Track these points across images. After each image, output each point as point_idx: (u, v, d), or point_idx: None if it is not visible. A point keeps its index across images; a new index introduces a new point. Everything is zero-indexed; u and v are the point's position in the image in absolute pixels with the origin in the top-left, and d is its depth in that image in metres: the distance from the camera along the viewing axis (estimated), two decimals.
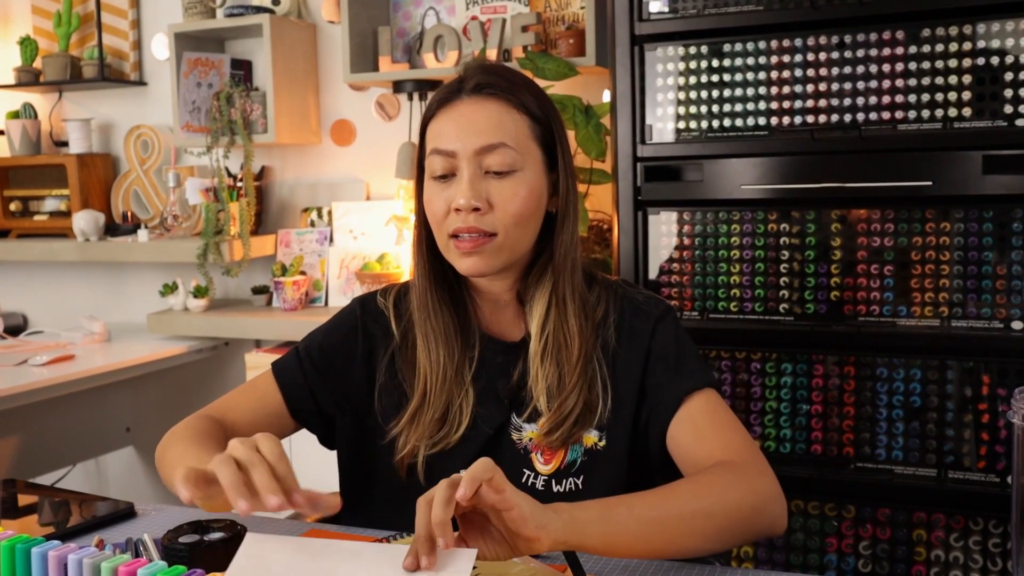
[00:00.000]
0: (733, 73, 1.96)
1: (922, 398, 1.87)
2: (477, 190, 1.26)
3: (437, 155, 1.29)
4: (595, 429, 1.32)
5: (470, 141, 1.27)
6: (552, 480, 1.31)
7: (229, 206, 3.09)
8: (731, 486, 1.17)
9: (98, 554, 0.86)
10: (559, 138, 1.35)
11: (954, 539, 1.87)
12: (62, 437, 2.96)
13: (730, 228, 1.98)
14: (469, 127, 1.28)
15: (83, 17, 3.52)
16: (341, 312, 1.48)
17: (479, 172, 1.28)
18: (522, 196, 1.28)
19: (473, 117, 1.29)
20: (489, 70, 1.33)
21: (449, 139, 1.29)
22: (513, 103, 1.31)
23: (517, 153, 1.28)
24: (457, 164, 1.28)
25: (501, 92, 1.31)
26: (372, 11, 3.02)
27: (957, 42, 1.80)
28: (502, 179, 1.28)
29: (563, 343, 1.31)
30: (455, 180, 1.28)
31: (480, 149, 1.27)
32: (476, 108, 1.30)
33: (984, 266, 1.81)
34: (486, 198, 1.27)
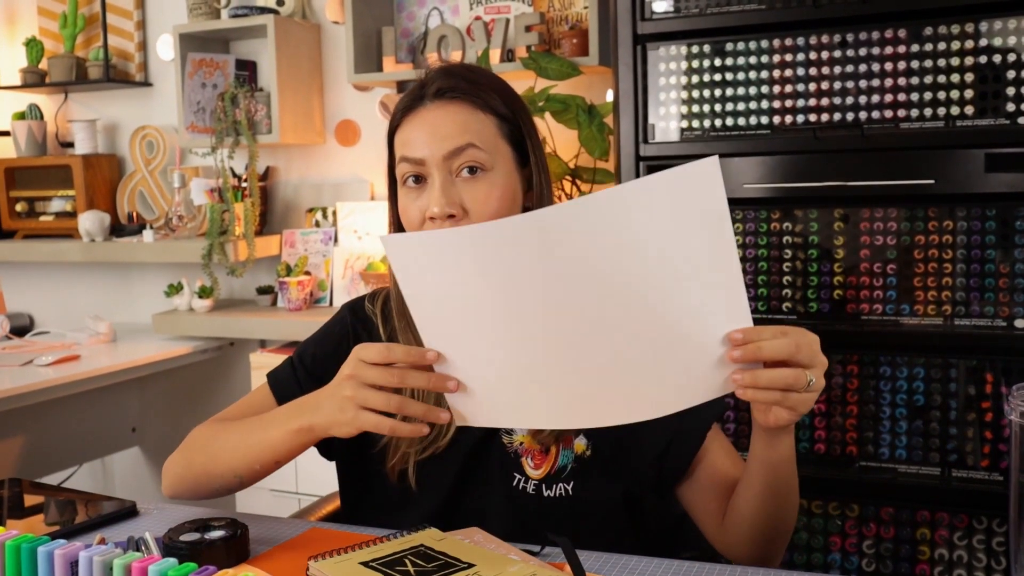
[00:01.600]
0: (736, 72, 1.96)
1: (925, 397, 1.87)
2: (450, 196, 1.25)
3: (406, 163, 1.28)
4: (583, 436, 1.31)
5: (437, 146, 1.26)
6: (543, 484, 1.29)
7: (234, 206, 3.10)
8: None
9: (109, 551, 0.87)
10: (527, 132, 1.33)
11: (958, 538, 1.86)
12: (68, 437, 2.96)
13: (733, 227, 1.98)
14: (435, 132, 1.27)
15: (88, 18, 3.53)
16: (332, 319, 1.47)
17: (450, 177, 1.26)
18: (496, 196, 1.27)
19: (438, 122, 1.27)
20: (450, 73, 1.32)
21: (416, 146, 1.27)
22: (477, 104, 1.29)
23: (485, 153, 1.27)
24: (427, 171, 1.27)
25: (463, 94, 1.29)
26: (376, 11, 3.03)
27: (960, 40, 1.79)
28: (474, 181, 1.26)
29: None
30: (427, 187, 1.27)
31: (448, 153, 1.25)
32: (440, 113, 1.28)
33: (987, 264, 1.81)
34: (459, 203, 1.25)
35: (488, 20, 2.87)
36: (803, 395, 1.03)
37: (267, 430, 1.25)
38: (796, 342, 1.02)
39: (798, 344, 1.02)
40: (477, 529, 1.18)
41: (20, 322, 3.65)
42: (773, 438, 1.15)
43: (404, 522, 1.22)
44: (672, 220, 0.97)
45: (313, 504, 1.62)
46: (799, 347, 1.02)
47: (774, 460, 1.18)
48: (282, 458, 1.25)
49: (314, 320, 2.89)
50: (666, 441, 1.31)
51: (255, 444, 1.26)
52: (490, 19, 2.88)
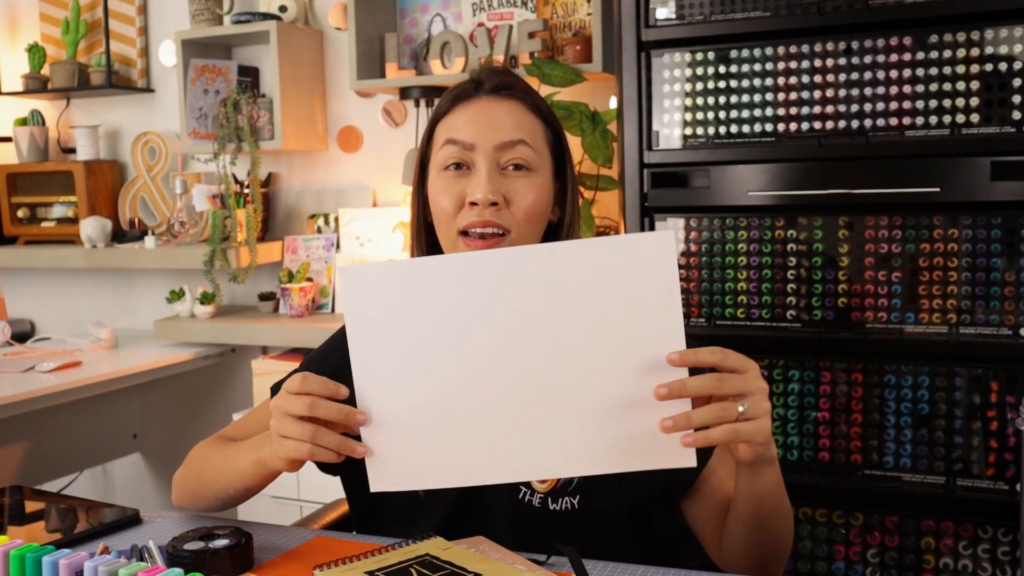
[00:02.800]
0: (740, 79, 1.95)
1: (930, 405, 1.86)
2: (496, 184, 1.25)
3: (452, 145, 1.28)
4: None
5: (491, 135, 1.27)
6: (548, 499, 1.28)
7: (236, 212, 3.09)
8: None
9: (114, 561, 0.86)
10: (565, 147, 1.35)
11: (963, 547, 1.86)
12: (69, 443, 2.96)
13: (737, 235, 1.98)
14: (489, 122, 1.28)
15: (91, 24, 3.53)
16: (335, 335, 1.44)
17: (496, 168, 1.27)
18: (535, 196, 1.28)
19: (493, 113, 1.29)
20: (507, 73, 1.34)
21: (468, 132, 1.28)
22: (531, 107, 1.31)
23: (534, 153, 1.29)
24: (473, 158, 1.27)
25: (523, 94, 1.31)
26: (379, 18, 3.02)
27: (965, 48, 1.79)
28: (518, 177, 1.27)
29: None
30: (469, 174, 1.27)
31: (501, 144, 1.27)
32: (497, 106, 1.30)
33: (992, 273, 1.81)
34: (503, 193, 1.26)
35: (491, 27, 2.87)
36: (747, 425, 1.02)
37: (237, 460, 1.26)
38: (719, 377, 1.02)
39: (720, 378, 1.02)
40: (483, 538, 1.17)
41: (21, 328, 3.65)
42: (754, 471, 1.14)
43: (417, 530, 1.22)
44: (622, 283, 1.01)
45: (316, 512, 1.61)
46: (722, 380, 1.02)
47: (758, 491, 1.17)
48: (252, 487, 1.25)
49: (316, 327, 2.88)
50: None
51: (229, 472, 1.27)
52: (493, 26, 2.88)
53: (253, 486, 1.25)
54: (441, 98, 1.35)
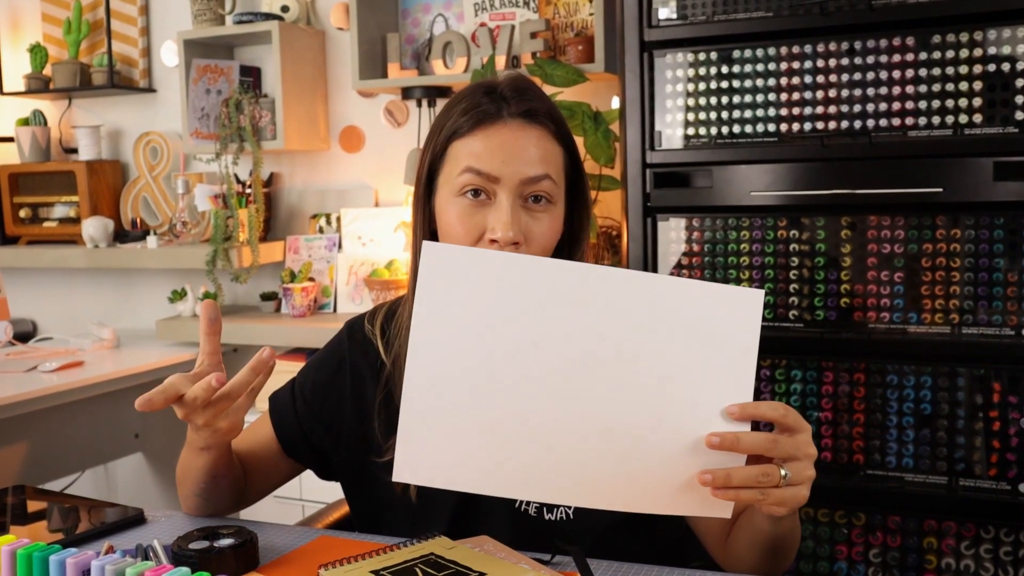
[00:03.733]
0: (742, 79, 1.95)
1: (933, 405, 1.86)
2: (518, 222, 1.21)
3: (474, 174, 1.22)
4: None
5: (518, 169, 1.21)
6: (544, 508, 1.27)
7: (238, 212, 3.10)
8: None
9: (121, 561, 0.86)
10: (580, 166, 1.31)
11: (965, 547, 1.86)
12: (71, 443, 2.96)
13: (740, 235, 1.98)
14: (517, 155, 1.22)
15: (93, 24, 3.53)
16: (331, 342, 1.43)
17: (518, 202, 1.22)
18: (555, 231, 1.25)
19: (521, 144, 1.22)
20: (531, 93, 1.27)
21: (492, 164, 1.21)
22: (553, 132, 1.26)
23: (556, 186, 1.24)
24: (495, 190, 1.21)
25: (550, 121, 1.26)
26: (381, 18, 3.03)
27: (968, 48, 1.79)
28: (539, 211, 1.23)
29: None
30: (490, 205, 1.22)
31: (527, 179, 1.21)
32: (523, 135, 1.23)
33: (995, 273, 1.81)
34: (524, 230, 1.22)
35: (493, 27, 2.87)
36: (785, 491, 1.01)
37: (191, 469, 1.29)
38: (773, 440, 1.01)
39: (775, 440, 1.01)
40: (487, 538, 1.18)
41: (23, 328, 3.65)
42: (777, 520, 1.13)
43: (420, 531, 1.22)
44: (703, 330, 1.00)
45: (320, 511, 1.62)
46: (776, 442, 1.01)
47: (776, 533, 1.17)
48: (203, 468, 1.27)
49: (317, 327, 2.89)
50: None
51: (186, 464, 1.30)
52: (495, 26, 2.88)
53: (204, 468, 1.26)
54: (456, 109, 1.27)
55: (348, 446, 1.36)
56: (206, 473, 1.26)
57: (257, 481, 1.40)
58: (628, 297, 1.00)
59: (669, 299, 1.00)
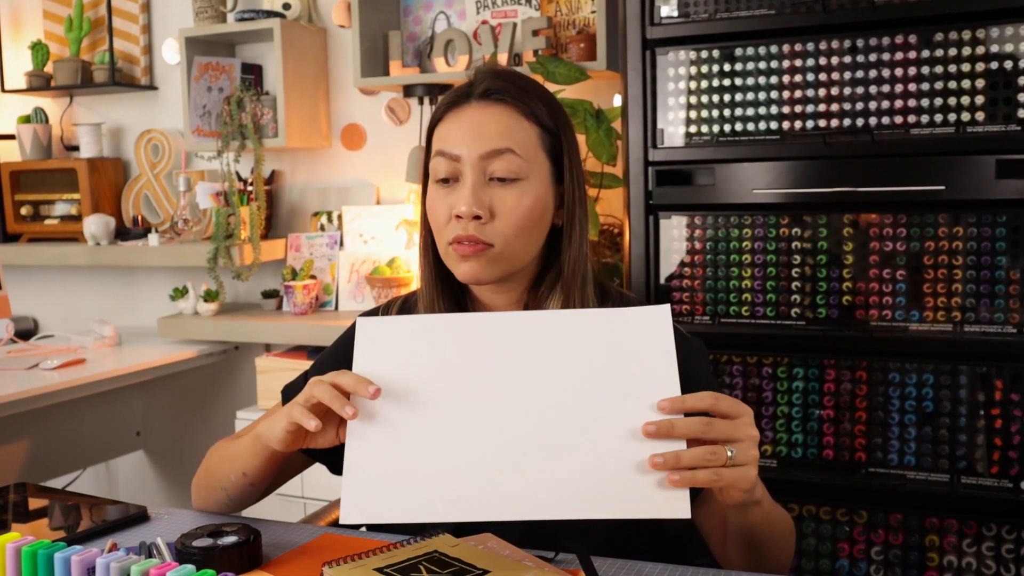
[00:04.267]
0: (745, 77, 1.95)
1: (934, 403, 1.87)
2: (479, 198, 1.24)
3: (441, 158, 1.27)
4: None
5: (476, 145, 1.25)
6: None
7: (239, 210, 3.10)
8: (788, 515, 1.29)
9: (126, 558, 0.86)
10: (568, 149, 1.32)
11: (967, 545, 1.86)
12: (73, 441, 2.96)
13: (742, 232, 1.98)
14: (475, 131, 1.26)
15: (94, 22, 3.53)
16: (344, 334, 1.44)
17: (483, 179, 1.25)
18: (525, 206, 1.26)
19: (480, 121, 1.27)
20: (500, 75, 1.31)
21: (454, 143, 1.26)
22: (523, 111, 1.28)
23: (523, 161, 1.26)
24: (461, 169, 1.26)
25: (511, 99, 1.28)
26: (382, 15, 3.02)
27: (970, 46, 1.79)
28: (506, 187, 1.25)
29: None
30: (458, 185, 1.26)
31: (485, 154, 1.25)
32: (484, 113, 1.27)
33: (997, 271, 1.81)
34: (488, 206, 1.24)
35: (495, 24, 2.87)
36: (733, 471, 1.03)
37: (239, 442, 1.27)
38: (708, 421, 1.03)
39: (710, 422, 1.03)
40: (491, 535, 1.18)
41: (25, 326, 3.65)
42: (740, 511, 1.16)
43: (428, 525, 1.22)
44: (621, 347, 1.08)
45: (323, 509, 1.62)
46: (711, 424, 1.03)
47: (746, 527, 1.19)
48: (249, 470, 1.25)
49: (319, 324, 2.89)
50: None
51: (232, 456, 1.29)
52: (497, 23, 2.88)
53: (251, 469, 1.25)
54: (439, 101, 1.33)
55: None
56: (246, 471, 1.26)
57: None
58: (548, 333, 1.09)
59: (585, 329, 1.09)
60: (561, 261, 1.31)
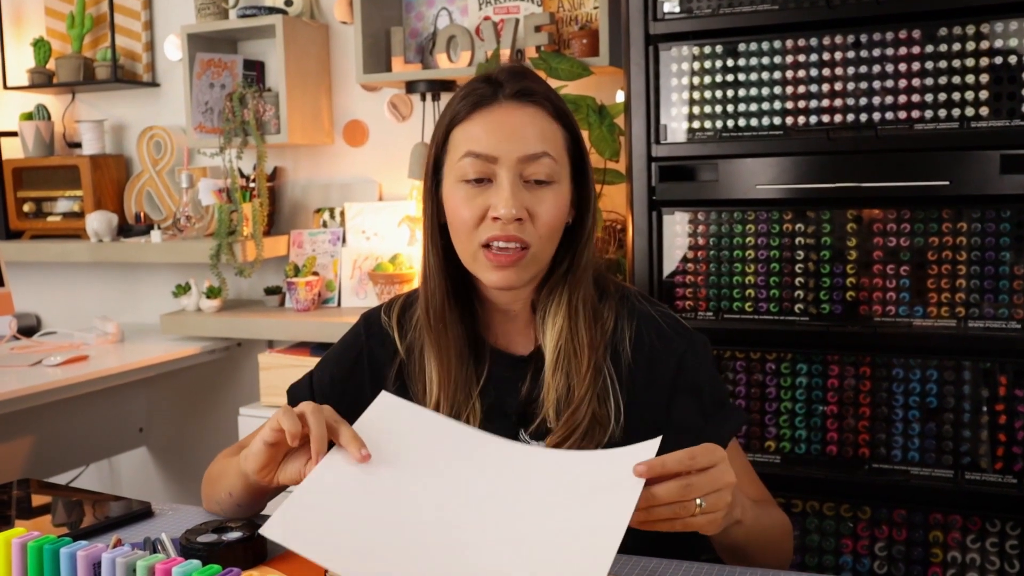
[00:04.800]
0: (748, 73, 1.95)
1: (938, 399, 1.86)
2: (520, 199, 1.23)
3: (473, 158, 1.25)
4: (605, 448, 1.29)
5: (514, 148, 1.24)
6: None
7: (242, 207, 3.09)
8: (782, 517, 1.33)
9: (132, 553, 0.86)
10: (584, 150, 1.33)
11: (971, 540, 1.86)
12: (76, 437, 2.96)
13: (745, 228, 1.98)
14: (512, 133, 1.24)
15: (96, 19, 3.53)
16: (348, 334, 1.45)
17: (519, 181, 1.24)
18: (559, 208, 1.26)
19: (516, 123, 1.25)
20: (524, 75, 1.30)
21: (489, 144, 1.24)
22: (552, 112, 1.28)
23: (557, 164, 1.26)
24: (495, 171, 1.24)
25: (545, 100, 1.28)
26: (385, 11, 3.02)
27: (974, 41, 1.79)
28: (542, 189, 1.25)
29: (572, 354, 1.29)
30: (492, 187, 1.25)
31: (525, 157, 1.24)
32: (519, 114, 1.26)
33: (1001, 266, 1.80)
34: (527, 208, 1.24)
35: (497, 20, 2.87)
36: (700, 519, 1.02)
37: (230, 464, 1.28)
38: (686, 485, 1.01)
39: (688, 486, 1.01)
40: None
41: (28, 322, 3.65)
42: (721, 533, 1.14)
43: None
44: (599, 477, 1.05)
45: None
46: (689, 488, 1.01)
47: (729, 543, 1.20)
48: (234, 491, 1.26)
49: (322, 321, 2.89)
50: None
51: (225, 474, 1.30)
52: (499, 19, 2.87)
53: (235, 491, 1.26)
54: (456, 98, 1.31)
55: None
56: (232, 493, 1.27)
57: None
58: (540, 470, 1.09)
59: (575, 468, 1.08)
60: (575, 258, 1.32)
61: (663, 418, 1.31)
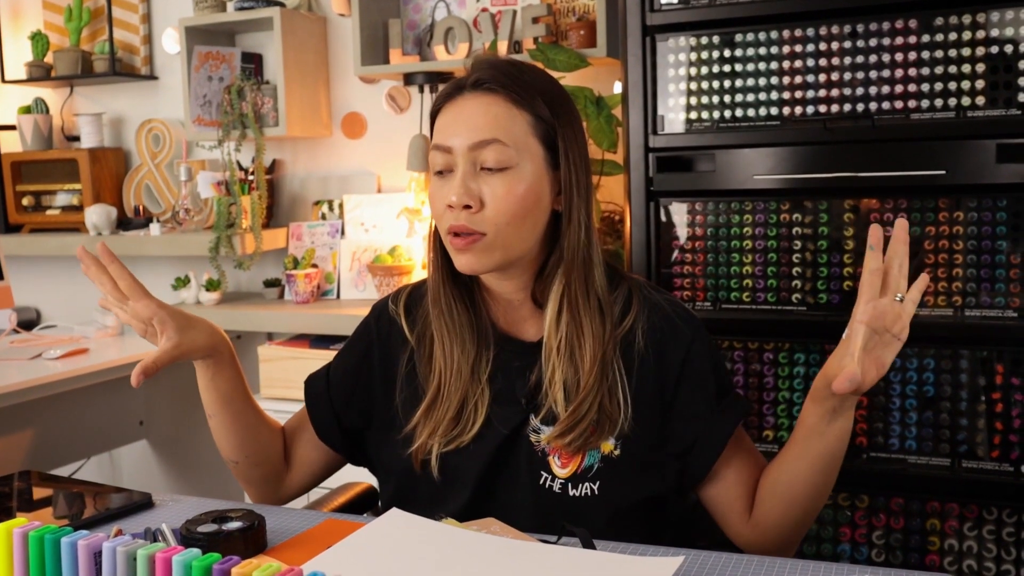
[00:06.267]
0: (745, 63, 1.95)
1: (935, 388, 1.87)
2: (468, 188, 1.25)
3: (436, 151, 1.29)
4: (613, 438, 1.30)
5: (465, 137, 1.27)
6: (568, 484, 1.29)
7: (241, 199, 3.10)
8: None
9: (132, 543, 0.87)
10: (563, 134, 1.31)
11: (968, 528, 1.87)
12: (76, 430, 2.97)
13: (742, 218, 1.98)
14: (464, 123, 1.27)
15: (94, 12, 3.53)
16: (360, 325, 1.48)
17: (473, 169, 1.26)
18: (516, 194, 1.26)
19: (469, 112, 1.28)
20: (494, 65, 1.31)
21: (446, 135, 1.28)
22: (512, 99, 1.28)
23: (512, 150, 1.26)
24: (454, 160, 1.27)
25: (501, 88, 1.28)
26: (382, 3, 3.02)
27: (970, 30, 1.79)
28: (495, 176, 1.26)
29: (577, 344, 1.30)
30: (451, 176, 1.28)
31: (473, 145, 1.26)
32: (474, 104, 1.28)
33: (998, 255, 1.81)
34: (479, 196, 1.26)
35: (495, 12, 2.87)
36: (891, 343, 1.17)
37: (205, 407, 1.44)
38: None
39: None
40: (494, 520, 1.18)
41: (27, 316, 3.66)
42: (838, 413, 1.22)
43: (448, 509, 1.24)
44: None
45: (326, 495, 1.63)
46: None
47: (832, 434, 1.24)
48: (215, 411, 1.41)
49: (321, 313, 2.89)
50: (691, 441, 1.32)
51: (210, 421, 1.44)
52: (497, 11, 2.88)
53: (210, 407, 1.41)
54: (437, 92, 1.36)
55: (379, 427, 1.41)
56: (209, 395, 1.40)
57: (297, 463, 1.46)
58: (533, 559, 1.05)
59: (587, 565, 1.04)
60: (561, 246, 1.32)
61: (670, 405, 1.32)
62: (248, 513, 1.16)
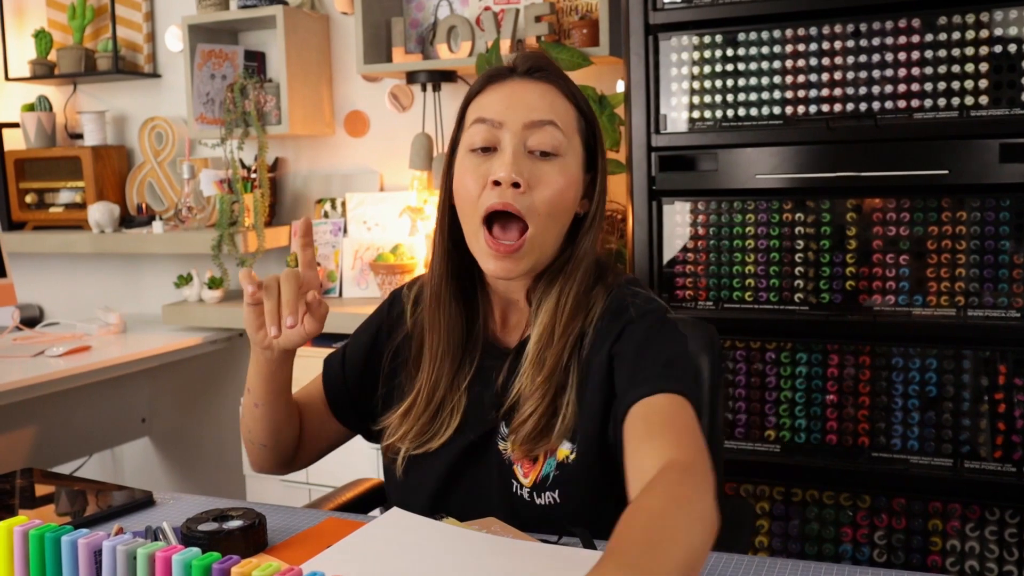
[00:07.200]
0: (748, 62, 1.95)
1: (938, 388, 1.87)
2: (520, 165, 1.21)
3: (481, 124, 1.25)
4: (567, 441, 1.24)
5: (520, 114, 1.23)
6: (534, 493, 1.25)
7: (243, 197, 3.10)
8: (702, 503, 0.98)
9: (132, 541, 0.87)
10: (599, 138, 1.32)
11: (970, 529, 1.86)
12: (78, 428, 2.97)
13: (745, 218, 1.98)
14: (520, 101, 1.25)
15: (97, 10, 3.53)
16: (380, 307, 1.48)
17: (523, 149, 1.23)
18: (561, 183, 1.24)
19: (524, 93, 1.26)
20: (544, 58, 1.31)
21: (497, 110, 1.25)
22: (564, 91, 1.28)
23: (564, 137, 1.25)
24: (500, 137, 1.24)
25: (554, 78, 1.29)
26: (385, 2, 3.02)
27: (974, 30, 1.79)
28: (546, 161, 1.23)
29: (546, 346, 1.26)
30: (496, 154, 1.24)
31: (530, 123, 1.23)
32: (529, 86, 1.27)
33: (1000, 255, 1.81)
34: (528, 177, 1.22)
35: (498, 10, 2.87)
36: None
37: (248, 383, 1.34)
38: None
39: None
40: (494, 520, 1.18)
41: (30, 313, 3.66)
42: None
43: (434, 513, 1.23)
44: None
45: (327, 495, 1.62)
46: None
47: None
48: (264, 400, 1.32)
49: None
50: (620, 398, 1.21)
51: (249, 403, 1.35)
52: (500, 9, 2.87)
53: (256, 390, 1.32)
54: (475, 81, 1.32)
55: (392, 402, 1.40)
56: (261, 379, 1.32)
57: (308, 438, 1.45)
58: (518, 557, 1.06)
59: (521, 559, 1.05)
60: (576, 248, 1.29)
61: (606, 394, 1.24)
62: (248, 511, 1.16)
